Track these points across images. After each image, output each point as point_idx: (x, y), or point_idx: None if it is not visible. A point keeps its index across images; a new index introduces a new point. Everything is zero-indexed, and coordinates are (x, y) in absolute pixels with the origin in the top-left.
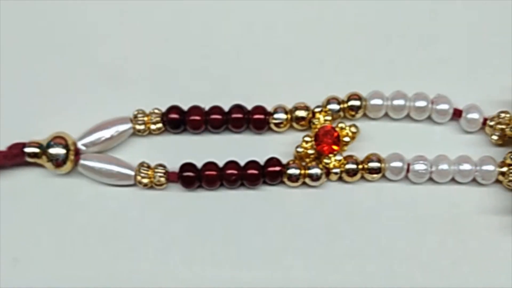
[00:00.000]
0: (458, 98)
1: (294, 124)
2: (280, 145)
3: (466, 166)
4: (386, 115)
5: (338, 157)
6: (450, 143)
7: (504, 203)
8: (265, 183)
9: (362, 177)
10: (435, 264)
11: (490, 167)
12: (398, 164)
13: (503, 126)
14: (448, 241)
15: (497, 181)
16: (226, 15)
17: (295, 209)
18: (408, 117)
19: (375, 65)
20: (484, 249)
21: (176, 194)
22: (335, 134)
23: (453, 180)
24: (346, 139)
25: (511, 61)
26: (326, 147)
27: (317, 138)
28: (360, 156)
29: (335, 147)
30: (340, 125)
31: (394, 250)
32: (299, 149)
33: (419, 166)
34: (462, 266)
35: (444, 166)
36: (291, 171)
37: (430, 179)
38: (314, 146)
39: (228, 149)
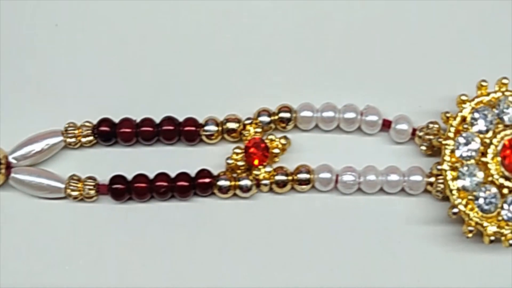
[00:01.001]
0: (390, 109)
1: (226, 136)
2: (213, 157)
3: (393, 177)
4: (317, 126)
5: (268, 169)
6: (380, 154)
7: (433, 213)
8: (196, 194)
9: (293, 188)
10: (364, 273)
11: (418, 178)
12: (326, 175)
13: (431, 137)
14: (378, 251)
15: (427, 191)
16: (159, 27)
17: (227, 220)
18: (339, 128)
19: (308, 77)
20: (413, 258)
21: (108, 206)
22: (263, 145)
23: (383, 190)
24: (276, 150)
25: (442, 71)
26: (255, 158)
27: (246, 150)
28: (292, 167)
29: (264, 159)
30: (270, 137)
31: (324, 260)
32: (229, 161)
33: (347, 177)
34: (391, 276)
35: (372, 177)
36: (221, 182)
37: (360, 190)
38: (244, 158)
39: (161, 161)
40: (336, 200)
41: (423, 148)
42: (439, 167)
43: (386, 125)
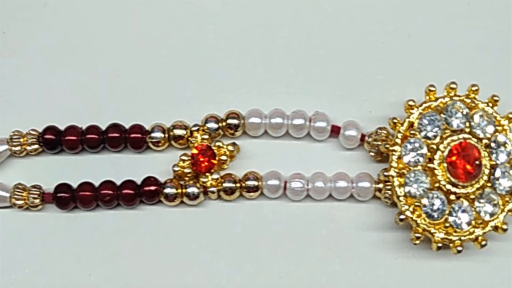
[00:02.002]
0: (342, 115)
1: (173, 143)
2: (161, 164)
3: (342, 183)
4: (266, 133)
5: (215, 176)
6: (330, 160)
7: (383, 220)
8: (143, 202)
9: (242, 195)
10: (313, 280)
11: (366, 184)
12: (275, 182)
13: (379, 143)
14: (327, 258)
15: (376, 197)
16: (104, 34)
17: (174, 229)
18: (288, 134)
19: (258, 83)
20: (362, 265)
21: (53, 215)
22: (210, 152)
23: (332, 197)
24: (224, 157)
25: (394, 76)
26: (202, 165)
27: (193, 157)
28: (242, 174)
29: (211, 166)
30: (217, 143)
31: (274, 267)
32: (176, 168)
33: (295, 184)
34: (340, 282)
35: (320, 184)
36: (167, 190)
37: (309, 196)
38: (191, 165)
39: (107, 169)
40: (286, 207)
41: (372, 154)
42: (386, 173)
43: (335, 131)
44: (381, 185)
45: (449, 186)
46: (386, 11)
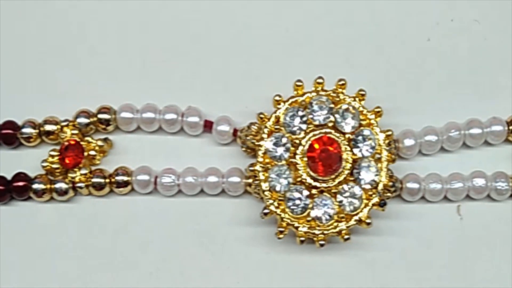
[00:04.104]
0: (217, 110)
1: (45, 139)
2: (34, 160)
3: (212, 178)
4: (140, 128)
5: (84, 171)
6: (206, 155)
7: (256, 214)
8: (14, 198)
9: (112, 191)
10: (185, 276)
11: (236, 179)
12: (144, 177)
13: (249, 138)
14: (199, 253)
15: (248, 192)
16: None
17: (46, 224)
18: (162, 130)
19: (135, 77)
20: (235, 260)
21: None
22: (78, 147)
23: (204, 192)
24: (93, 153)
25: (271, 71)
26: (69, 161)
27: (61, 152)
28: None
29: (79, 161)
30: (86, 138)
31: (145, 263)
32: (44, 164)
33: (166, 179)
34: (211, 278)
35: (190, 179)
36: (36, 186)
37: (181, 192)
38: (59, 160)
39: None
40: (158, 202)
41: (244, 149)
42: (251, 168)
43: (208, 126)
44: (250, 180)
45: (310, 181)
46: (263, 6)
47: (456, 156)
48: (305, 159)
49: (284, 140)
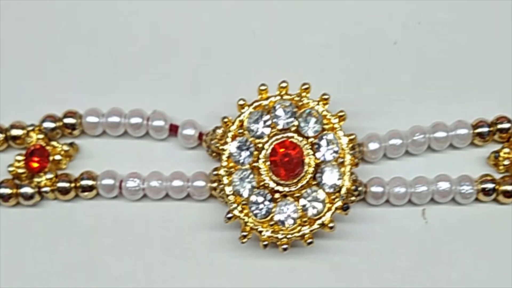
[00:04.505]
0: (185, 114)
1: (12, 143)
2: (1, 165)
3: (177, 183)
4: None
5: (49, 176)
6: (173, 159)
7: (221, 218)
8: None
9: (78, 195)
10: (150, 280)
11: (201, 183)
12: (109, 181)
13: (214, 142)
14: (164, 257)
15: (214, 196)
16: None
17: (13, 229)
18: (128, 134)
19: (104, 82)
20: (200, 264)
21: None
22: (42, 152)
23: (169, 196)
24: (58, 157)
25: (237, 76)
26: (33, 165)
27: (27, 156)
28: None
29: (44, 165)
30: (52, 143)
31: (110, 268)
32: (10, 168)
33: (130, 184)
34: (177, 282)
35: (155, 183)
36: (2, 190)
37: (146, 196)
38: (24, 165)
39: None
40: (125, 206)
41: (209, 153)
42: (215, 172)
43: (174, 130)
44: (215, 184)
45: (273, 185)
46: (230, 9)
47: (422, 160)
48: (268, 163)
49: (247, 144)
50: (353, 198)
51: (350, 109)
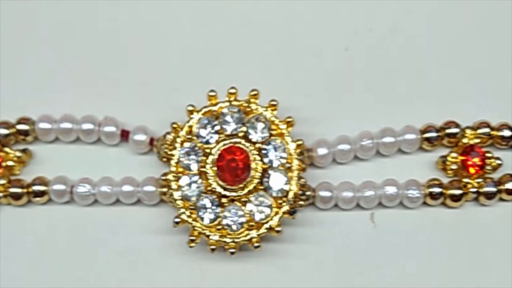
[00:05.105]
0: (142, 121)
1: None
2: None
3: (127, 188)
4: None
5: (2, 181)
6: (125, 165)
7: (172, 223)
8: None
9: (30, 201)
10: (102, 285)
11: (151, 188)
12: (61, 187)
13: (163, 147)
14: (116, 262)
15: (164, 201)
16: None
17: None
18: (81, 140)
19: (59, 88)
20: (152, 268)
21: None
22: None
23: (120, 202)
24: (10, 163)
25: (191, 82)
26: None
27: None
28: None
29: None
30: (5, 149)
31: (62, 273)
32: None
33: (81, 189)
34: (129, 286)
35: (105, 188)
36: None
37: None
38: None
39: None
40: (77, 212)
41: (160, 158)
42: (164, 177)
43: (125, 135)
44: (165, 189)
45: (220, 190)
46: (182, 15)
47: (371, 165)
48: (215, 168)
49: (196, 149)
50: (301, 202)
51: (300, 115)
